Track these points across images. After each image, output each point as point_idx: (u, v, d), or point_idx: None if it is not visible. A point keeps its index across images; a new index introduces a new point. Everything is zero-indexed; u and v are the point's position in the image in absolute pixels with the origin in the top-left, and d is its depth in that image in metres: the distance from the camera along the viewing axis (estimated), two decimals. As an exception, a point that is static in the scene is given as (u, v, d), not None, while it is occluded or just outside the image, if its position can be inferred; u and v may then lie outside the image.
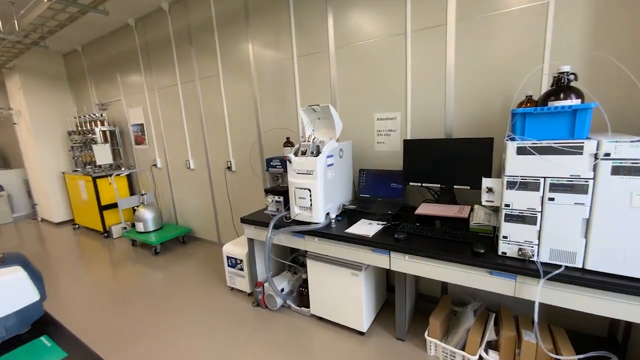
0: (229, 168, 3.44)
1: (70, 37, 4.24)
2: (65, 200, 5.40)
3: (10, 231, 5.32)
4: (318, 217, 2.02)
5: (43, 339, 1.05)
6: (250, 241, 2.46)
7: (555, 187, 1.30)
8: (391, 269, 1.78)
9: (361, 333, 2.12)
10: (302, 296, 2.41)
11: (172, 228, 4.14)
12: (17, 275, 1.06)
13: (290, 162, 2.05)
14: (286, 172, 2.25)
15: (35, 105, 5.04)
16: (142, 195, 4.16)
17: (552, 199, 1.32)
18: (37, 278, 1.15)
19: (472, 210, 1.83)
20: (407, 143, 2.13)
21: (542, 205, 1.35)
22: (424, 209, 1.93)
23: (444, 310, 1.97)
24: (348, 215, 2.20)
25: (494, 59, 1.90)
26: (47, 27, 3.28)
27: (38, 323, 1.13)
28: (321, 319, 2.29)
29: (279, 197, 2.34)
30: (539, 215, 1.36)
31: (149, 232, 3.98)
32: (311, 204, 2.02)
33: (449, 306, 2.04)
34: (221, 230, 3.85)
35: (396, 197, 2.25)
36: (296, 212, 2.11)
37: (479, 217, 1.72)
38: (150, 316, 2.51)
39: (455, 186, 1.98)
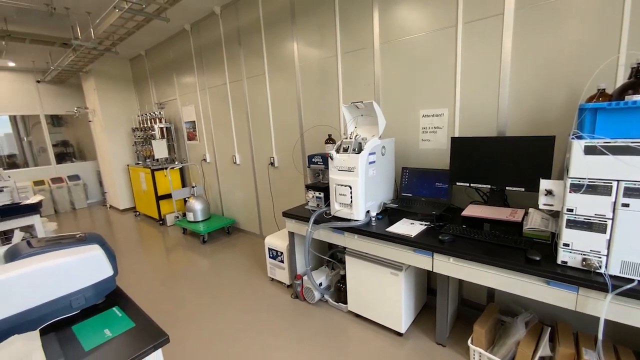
0: (272, 164, 3.57)
1: (136, 43, 4.70)
2: (128, 190, 6.03)
3: (85, 215, 6.08)
4: (358, 215, 2.02)
5: (115, 309, 1.20)
6: (291, 235, 2.53)
7: (631, 192, 1.16)
8: (434, 271, 1.72)
9: (399, 334, 2.08)
10: (339, 292, 2.43)
11: (218, 219, 4.41)
12: (96, 252, 1.22)
13: (331, 158, 2.07)
14: (327, 168, 2.28)
15: (106, 104, 5.68)
16: (193, 187, 4.49)
17: (626, 205, 1.17)
18: (111, 256, 1.31)
19: (526, 214, 1.70)
20: (455, 141, 2.04)
21: (613, 211, 1.21)
22: (472, 211, 1.84)
23: (490, 318, 1.86)
24: (389, 214, 2.17)
25: (558, 49, 1.73)
26: (118, 35, 3.66)
27: (111, 295, 1.28)
28: (358, 316, 2.29)
29: (319, 193, 2.38)
30: (609, 222, 1.22)
31: (198, 221, 4.29)
32: (351, 201, 2.03)
33: (495, 315, 1.92)
34: (263, 223, 4.01)
35: (441, 198, 2.16)
36: (336, 209, 2.13)
37: (534, 222, 1.59)
38: (197, 299, 2.72)
39: (507, 188, 1.85)
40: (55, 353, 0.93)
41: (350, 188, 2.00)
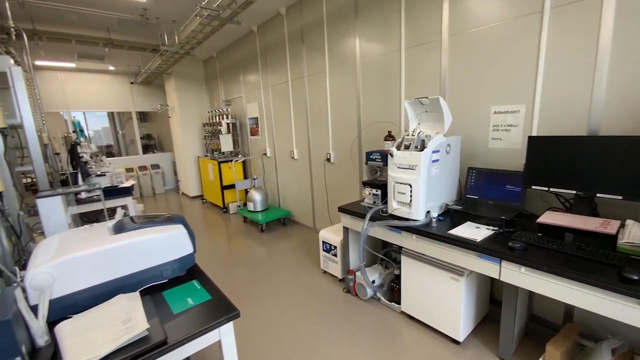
0: (328, 160, 3.64)
1: (210, 46, 5.16)
2: (198, 179, 6.68)
3: (162, 199, 6.93)
4: (417, 214, 1.96)
5: (194, 282, 1.36)
6: (346, 230, 2.57)
7: None
8: (501, 279, 1.60)
9: (456, 342, 1.98)
10: (392, 291, 2.39)
11: (275, 210, 4.65)
12: (180, 231, 1.40)
13: (391, 155, 2.04)
14: (386, 165, 2.25)
15: (183, 102, 6.35)
16: (254, 179, 4.80)
17: None
18: (191, 235, 1.49)
19: (623, 226, 1.47)
20: (533, 140, 1.84)
21: None
22: (551, 218, 1.65)
23: (567, 340, 1.66)
24: (451, 216, 2.06)
25: (677, 32, 1.45)
26: (196, 39, 4.06)
27: (190, 270, 1.46)
28: (412, 317, 2.24)
29: (376, 191, 2.36)
30: None
31: (257, 211, 4.58)
32: (411, 200, 1.98)
33: (574, 337, 1.71)
34: (317, 217, 4.12)
35: (512, 202, 1.98)
36: (394, 207, 2.10)
37: (634, 236, 1.37)
38: (254, 283, 2.92)
39: (598, 195, 1.62)
40: (151, 312, 1.09)
41: (411, 187, 1.95)
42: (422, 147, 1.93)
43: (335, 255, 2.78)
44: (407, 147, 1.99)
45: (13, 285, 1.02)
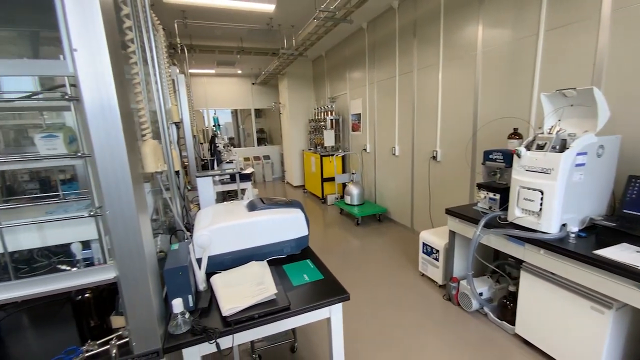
0: (434, 158, 3.43)
1: (320, 46, 5.49)
2: (301, 171, 7.28)
3: (270, 187, 7.83)
4: (549, 226, 1.67)
5: (308, 261, 1.53)
6: (452, 234, 2.39)
7: None
8: (675, 323, 1.23)
9: (592, 387, 1.63)
10: (504, 309, 2.12)
11: (371, 206, 4.68)
12: (299, 215, 1.59)
13: (518, 156, 1.79)
14: (509, 167, 1.99)
15: (292, 100, 6.98)
16: (352, 174, 4.93)
17: None
18: (306, 219, 1.66)
19: None
20: None
21: None
22: None
23: None
24: (597, 233, 1.68)
25: None
26: (310, 41, 4.39)
27: (304, 251, 1.64)
28: (528, 343, 1.94)
29: (494, 195, 2.11)
30: None
31: (354, 205, 4.70)
32: (541, 209, 1.70)
33: None
34: (415, 217, 3.96)
35: (702, 225, 1.48)
36: (516, 215, 1.84)
37: None
38: (346, 272, 3.02)
39: None
40: (276, 280, 1.28)
41: (542, 193, 1.67)
42: (563, 147, 1.63)
43: (436, 259, 2.63)
44: (540, 147, 1.71)
45: (186, 242, 1.35)
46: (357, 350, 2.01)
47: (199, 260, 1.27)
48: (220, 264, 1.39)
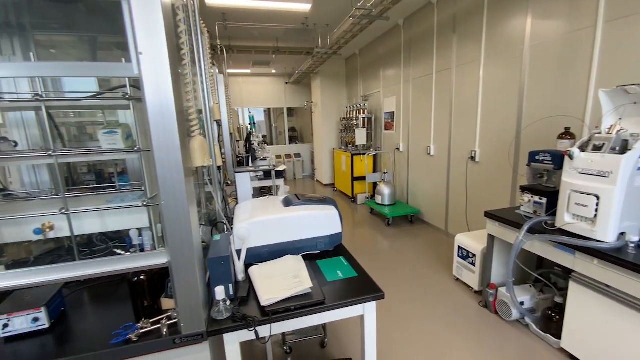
0: (472, 158, 3.29)
1: (354, 44, 5.46)
2: (331, 169, 7.30)
3: (300, 184, 7.94)
4: (605, 234, 1.54)
5: (341, 258, 1.54)
6: (491, 238, 2.28)
7: None
8: None
9: (651, 413, 1.48)
10: (549, 321, 1.99)
11: (403, 206, 4.59)
12: (334, 212, 1.60)
13: (571, 157, 1.66)
14: (558, 169, 1.86)
15: (325, 99, 7.01)
16: (384, 173, 4.86)
17: None
18: (340, 217, 1.67)
19: None
20: None
21: None
22: None
23: None
24: (662, 244, 1.52)
25: None
26: (344, 39, 4.38)
27: (337, 248, 1.65)
28: (575, 359, 1.80)
29: (540, 198, 1.98)
30: None
31: (385, 205, 4.63)
32: (596, 215, 1.57)
33: None
34: (450, 219, 3.82)
35: None
36: (566, 221, 1.72)
37: None
38: (376, 273, 2.99)
39: None
40: (310, 274, 1.31)
41: (598, 198, 1.54)
42: (624, 149, 1.49)
43: (472, 264, 2.52)
44: (597, 148, 1.58)
45: (227, 233, 1.42)
46: (387, 352, 2.00)
47: (238, 252, 1.34)
48: (257, 256, 1.44)
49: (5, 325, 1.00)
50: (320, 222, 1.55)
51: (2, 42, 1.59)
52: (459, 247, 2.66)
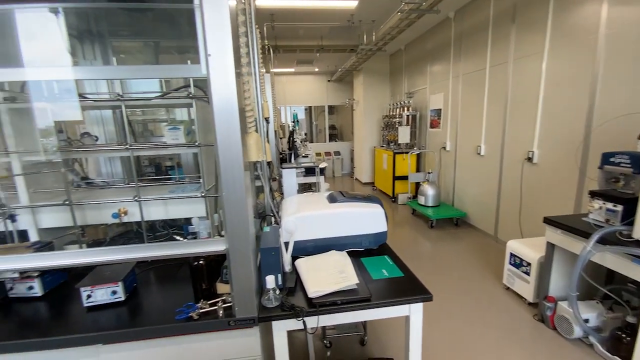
0: (529, 159, 3.03)
1: (400, 40, 5.31)
2: (371, 167, 7.21)
3: (339, 182, 7.95)
4: (698, 249, 1.33)
5: (386, 257, 1.52)
6: (550, 246, 2.09)
7: None
8: None
9: None
10: (618, 342, 1.77)
11: (448, 208, 4.38)
12: (379, 210, 1.59)
13: (655, 160, 1.46)
14: (637, 173, 1.65)
15: (367, 96, 6.92)
16: (429, 173, 4.68)
17: None
18: (385, 216, 1.65)
19: None
20: None
21: None
22: None
23: None
24: None
25: None
26: (390, 35, 4.28)
27: (381, 246, 1.64)
28: (652, 390, 1.59)
29: (614, 205, 1.77)
30: None
31: (428, 206, 4.46)
32: (686, 227, 1.36)
33: None
34: (501, 224, 3.57)
35: None
36: (646, 232, 1.51)
37: None
38: (418, 276, 2.89)
39: None
40: (355, 270, 1.31)
41: (690, 207, 1.34)
42: None
43: (527, 273, 2.34)
44: (691, 150, 1.37)
45: (275, 226, 1.48)
46: (433, 353, 1.93)
47: (285, 244, 1.39)
48: (303, 249, 1.48)
49: (89, 296, 1.15)
50: (366, 219, 1.55)
51: (85, 49, 1.81)
52: (511, 254, 2.48)
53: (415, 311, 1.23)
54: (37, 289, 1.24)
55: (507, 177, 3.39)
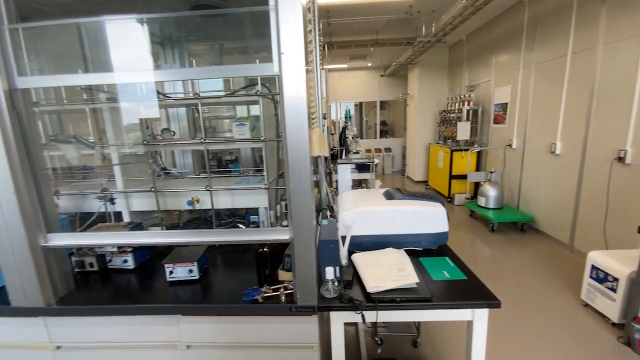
0: (620, 159, 2.62)
1: (461, 29, 4.95)
2: (425, 165, 6.89)
3: (389, 179, 7.76)
4: None
5: (447, 259, 1.46)
6: (646, 261, 1.80)
7: None
8: None
9: None
10: None
11: (512, 211, 4.01)
12: (440, 209, 1.53)
13: None
14: None
15: (422, 90, 6.61)
16: (491, 172, 4.32)
17: None
18: (446, 216, 1.58)
19: None
20: None
21: None
22: None
23: None
24: None
25: None
26: (451, 25, 4.02)
27: (441, 247, 1.57)
28: None
29: None
30: None
31: (489, 208, 4.12)
32: None
33: None
34: (579, 232, 3.16)
35: None
36: None
37: None
38: (485, 284, 2.70)
39: None
40: (415, 269, 1.28)
41: None
42: None
43: (612, 289, 2.04)
44: None
45: (332, 220, 1.51)
46: (489, 368, 1.81)
47: (342, 238, 1.41)
48: (359, 244, 1.49)
49: (171, 272, 1.31)
50: (426, 218, 1.50)
51: (166, 53, 2.03)
52: (593, 267, 2.19)
53: (479, 317, 1.16)
54: (130, 263, 1.44)
55: (590, 179, 2.98)
